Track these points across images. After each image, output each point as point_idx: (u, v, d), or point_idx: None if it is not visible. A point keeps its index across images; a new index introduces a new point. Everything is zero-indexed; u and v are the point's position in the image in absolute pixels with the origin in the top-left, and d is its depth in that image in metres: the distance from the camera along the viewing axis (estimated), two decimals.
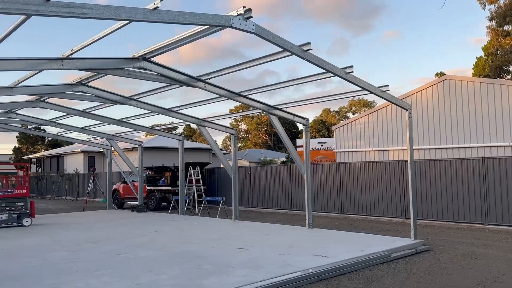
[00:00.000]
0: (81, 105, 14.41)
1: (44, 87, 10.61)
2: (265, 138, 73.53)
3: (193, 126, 23.43)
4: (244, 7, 7.04)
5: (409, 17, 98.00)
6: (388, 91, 10.24)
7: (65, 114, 14.79)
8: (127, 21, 6.79)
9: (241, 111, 42.16)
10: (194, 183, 19.16)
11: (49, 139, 54.09)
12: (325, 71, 9.36)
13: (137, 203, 20.05)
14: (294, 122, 23.65)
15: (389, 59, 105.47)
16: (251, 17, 7.17)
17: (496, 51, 36.95)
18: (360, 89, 10.01)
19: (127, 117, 15.94)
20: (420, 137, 19.35)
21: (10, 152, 59.31)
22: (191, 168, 19.49)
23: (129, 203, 21.43)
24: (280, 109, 12.72)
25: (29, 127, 22.05)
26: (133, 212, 19.58)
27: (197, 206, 18.74)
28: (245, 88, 11.82)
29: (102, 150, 24.15)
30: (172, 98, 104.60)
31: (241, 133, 76.23)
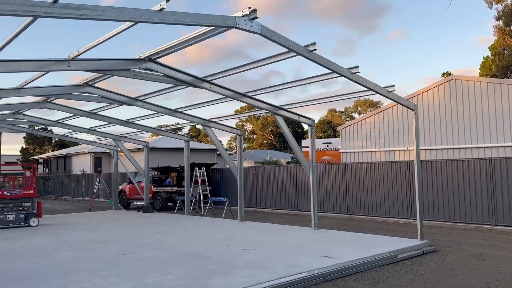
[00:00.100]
0: (87, 106, 14.53)
1: (51, 88, 10.70)
2: (270, 138, 73.44)
3: (199, 126, 23.47)
4: (249, 8, 7.03)
5: (415, 17, 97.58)
6: (394, 91, 10.19)
7: (72, 115, 14.88)
8: (133, 23, 6.81)
9: (246, 111, 42.14)
10: (199, 184, 19.20)
11: (56, 139, 54.44)
12: (330, 71, 9.34)
13: (143, 203, 20.13)
14: (299, 122, 23.59)
15: (395, 59, 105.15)
16: (256, 17, 7.16)
17: (503, 50, 36.72)
18: (366, 89, 9.97)
19: (133, 118, 16.00)
20: (426, 137, 19.25)
21: (17, 152, 59.85)
22: (197, 168, 19.53)
23: (135, 203, 21.51)
24: (285, 110, 12.71)
25: (36, 128, 22.28)
26: (139, 212, 19.65)
27: (202, 206, 18.79)
28: (251, 88, 11.82)
29: (108, 150, 24.28)
30: (177, 98, 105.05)
31: (246, 134, 76.16)
